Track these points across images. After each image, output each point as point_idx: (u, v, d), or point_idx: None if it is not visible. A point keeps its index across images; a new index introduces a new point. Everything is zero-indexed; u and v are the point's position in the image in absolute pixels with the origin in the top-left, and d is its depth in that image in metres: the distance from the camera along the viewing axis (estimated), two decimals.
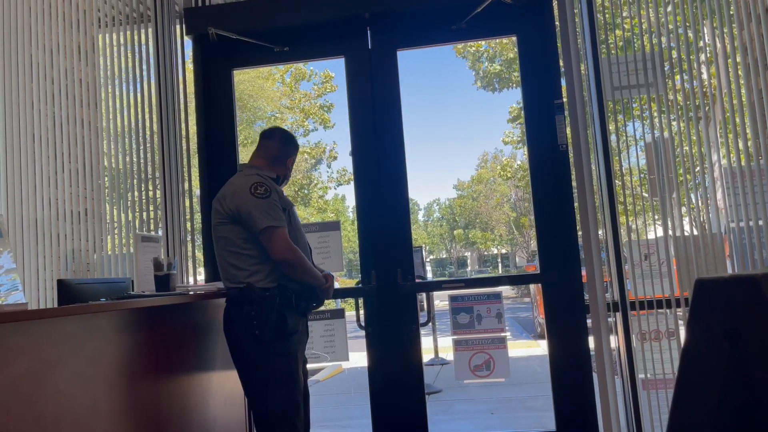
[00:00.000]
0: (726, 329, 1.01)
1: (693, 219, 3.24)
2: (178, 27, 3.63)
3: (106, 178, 3.62)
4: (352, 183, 3.48)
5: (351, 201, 31.29)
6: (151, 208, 3.56)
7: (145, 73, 3.61)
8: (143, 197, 3.57)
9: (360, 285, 3.37)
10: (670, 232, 3.13)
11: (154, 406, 2.36)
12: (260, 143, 2.78)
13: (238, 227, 2.53)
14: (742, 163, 3.10)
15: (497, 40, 13.44)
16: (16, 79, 3.57)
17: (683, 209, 3.23)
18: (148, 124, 3.56)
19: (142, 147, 3.59)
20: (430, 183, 48.21)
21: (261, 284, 2.49)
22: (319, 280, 2.62)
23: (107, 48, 3.69)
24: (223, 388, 2.88)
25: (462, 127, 46.79)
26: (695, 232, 3.15)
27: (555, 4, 3.26)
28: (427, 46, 3.54)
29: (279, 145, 2.75)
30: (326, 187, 19.47)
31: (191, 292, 2.72)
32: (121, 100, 3.63)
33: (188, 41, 3.60)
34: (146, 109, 3.57)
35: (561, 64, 3.23)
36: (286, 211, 2.60)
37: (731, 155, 3.16)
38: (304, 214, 17.84)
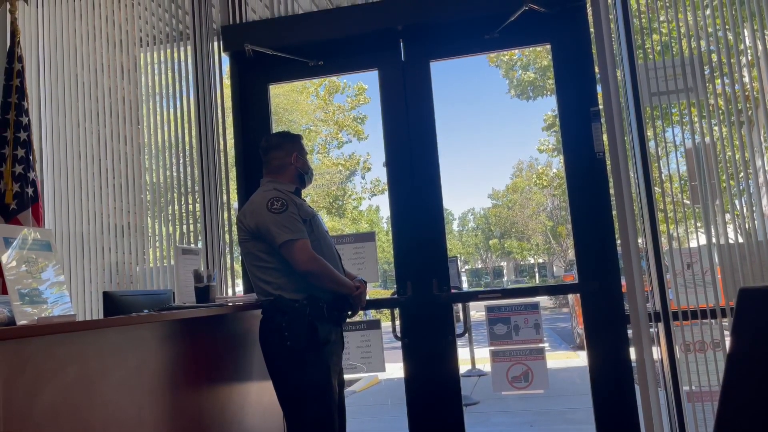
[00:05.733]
0: None
1: (738, 226, 3.15)
2: (215, 44, 3.72)
3: (148, 193, 3.72)
4: (386, 193, 3.50)
5: (385, 211, 31.33)
6: (191, 221, 3.64)
7: (184, 89, 3.71)
8: (183, 211, 3.66)
9: (396, 296, 3.37)
10: (714, 240, 3.05)
11: (195, 415, 2.40)
12: (263, 159, 2.78)
13: (260, 243, 2.55)
14: None
15: (531, 48, 13.34)
16: (62, 99, 3.73)
17: (727, 216, 3.14)
18: (187, 139, 3.66)
19: (181, 161, 3.68)
20: (465, 192, 48.08)
21: (290, 296, 2.50)
22: (348, 287, 2.61)
23: (148, 66, 3.82)
24: (261, 399, 2.91)
25: (496, 136, 46.57)
26: (740, 240, 3.06)
27: (589, 10, 3.22)
28: (460, 56, 3.54)
29: (276, 152, 2.73)
30: (360, 197, 19.61)
31: (230, 303, 2.76)
32: (161, 116, 3.74)
33: (225, 58, 3.68)
34: (185, 125, 3.66)
35: (597, 70, 3.20)
36: (307, 221, 2.59)
37: None
38: (338, 225, 17.95)
